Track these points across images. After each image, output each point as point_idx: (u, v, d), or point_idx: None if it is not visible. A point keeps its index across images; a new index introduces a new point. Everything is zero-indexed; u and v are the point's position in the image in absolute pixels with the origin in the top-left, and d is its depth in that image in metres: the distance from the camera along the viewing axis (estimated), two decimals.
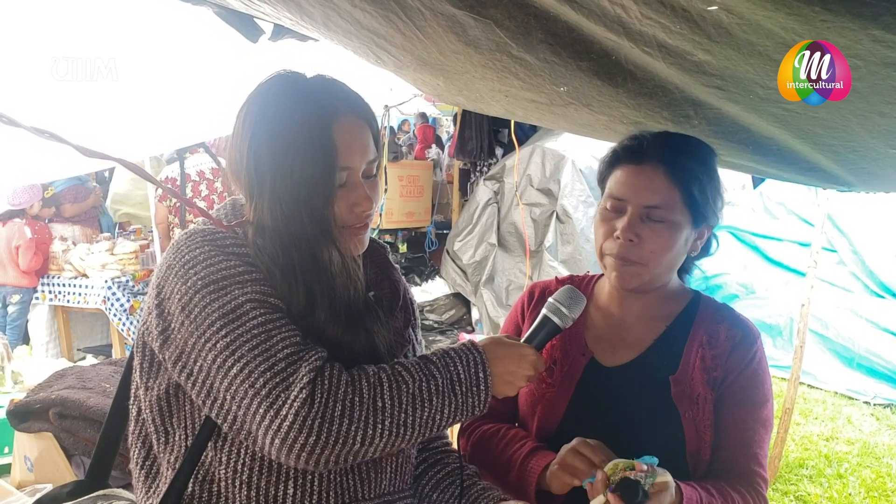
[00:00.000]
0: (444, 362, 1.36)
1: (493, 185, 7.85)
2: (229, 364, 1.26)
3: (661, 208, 1.63)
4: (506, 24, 1.68)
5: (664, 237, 1.63)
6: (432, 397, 1.32)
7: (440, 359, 1.37)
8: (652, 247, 1.63)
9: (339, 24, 2.07)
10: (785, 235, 8.41)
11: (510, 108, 2.60)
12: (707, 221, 1.70)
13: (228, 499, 1.38)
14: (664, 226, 1.63)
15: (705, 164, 1.68)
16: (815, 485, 5.09)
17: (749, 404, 1.68)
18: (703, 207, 1.66)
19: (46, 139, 1.43)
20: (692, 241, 1.71)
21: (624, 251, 1.64)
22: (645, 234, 1.63)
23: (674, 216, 1.63)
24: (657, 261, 1.65)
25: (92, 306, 6.26)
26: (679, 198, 1.63)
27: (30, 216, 6.72)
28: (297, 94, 1.38)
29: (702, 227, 1.70)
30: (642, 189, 1.64)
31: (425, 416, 1.31)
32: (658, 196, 1.63)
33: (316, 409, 1.23)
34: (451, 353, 1.38)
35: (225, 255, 1.34)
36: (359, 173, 1.41)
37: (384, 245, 1.71)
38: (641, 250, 1.63)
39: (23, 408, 2.88)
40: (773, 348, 7.29)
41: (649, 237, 1.63)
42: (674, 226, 1.63)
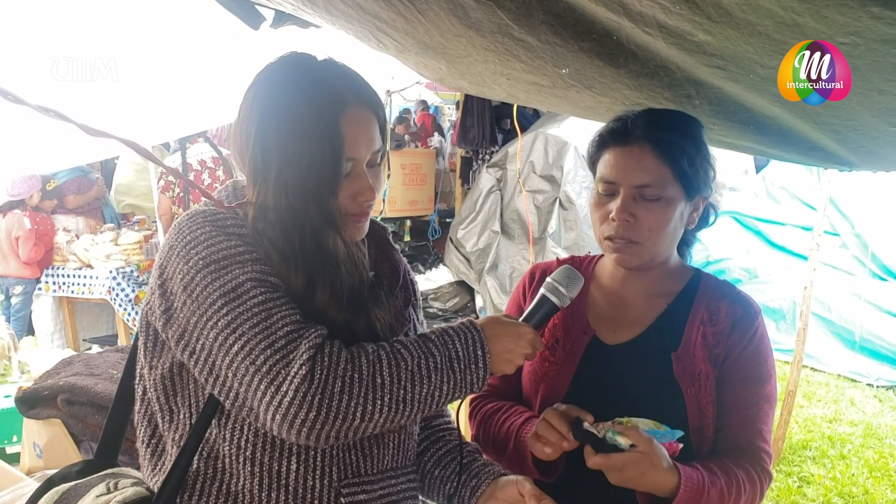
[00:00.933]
0: (442, 340, 1.37)
1: (496, 173, 7.86)
2: (230, 342, 1.27)
3: (652, 186, 1.64)
4: (507, 5, 1.69)
5: (659, 214, 1.64)
6: (431, 374, 1.33)
7: (439, 337, 1.38)
8: (649, 225, 1.64)
9: (341, 9, 2.08)
10: (787, 220, 8.43)
11: (512, 91, 2.60)
12: (700, 192, 1.71)
13: (232, 475, 1.40)
14: (658, 203, 1.64)
15: (691, 138, 1.69)
16: (819, 465, 5.14)
17: (752, 381, 1.69)
18: (694, 180, 1.67)
19: (52, 118, 1.44)
20: (688, 214, 1.72)
21: (622, 232, 1.65)
22: (640, 213, 1.64)
23: (666, 192, 1.64)
24: (655, 238, 1.66)
25: (97, 296, 6.29)
26: (669, 173, 1.64)
27: (30, 207, 6.75)
28: (308, 80, 1.39)
29: (696, 199, 1.71)
30: (632, 170, 1.65)
31: (424, 392, 1.33)
32: (648, 175, 1.64)
33: (316, 385, 1.24)
34: (450, 331, 1.39)
35: (226, 236, 1.35)
36: (363, 164, 1.42)
37: (385, 227, 1.72)
38: (639, 229, 1.65)
39: (31, 395, 2.91)
40: (776, 332, 7.33)
41: (645, 216, 1.64)
42: (668, 202, 1.64)
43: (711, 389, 1.66)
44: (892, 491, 4.82)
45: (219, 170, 6.24)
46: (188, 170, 6.00)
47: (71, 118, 1.41)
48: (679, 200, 1.66)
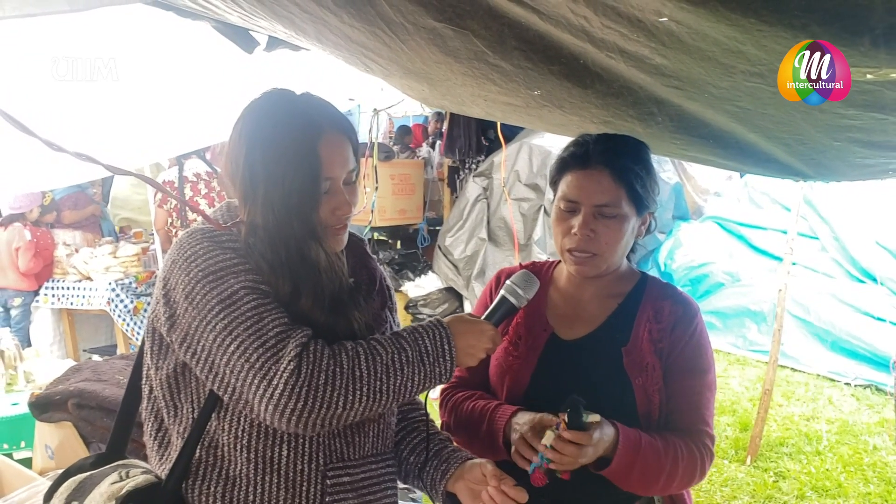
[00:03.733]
0: (413, 337, 1.55)
1: (482, 182, 7.99)
2: (227, 343, 1.44)
3: (609, 206, 1.84)
4: (482, 33, 1.85)
5: (615, 230, 1.85)
6: (403, 367, 1.51)
7: (410, 334, 1.56)
8: (606, 239, 1.85)
9: (330, 39, 2.22)
10: (769, 224, 8.55)
11: (490, 110, 2.75)
12: (648, 209, 1.91)
13: (231, 461, 1.57)
14: (614, 220, 1.85)
15: (642, 161, 1.89)
16: (794, 461, 5.28)
17: (695, 372, 1.90)
18: (644, 199, 1.88)
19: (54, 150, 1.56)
20: (637, 227, 1.92)
21: (583, 245, 1.86)
22: (599, 228, 1.84)
23: (621, 210, 1.84)
24: (611, 250, 1.87)
25: (96, 308, 6.41)
26: (624, 194, 1.84)
27: (29, 221, 6.86)
28: (287, 112, 1.56)
29: (644, 214, 1.92)
30: (592, 191, 1.85)
31: (398, 383, 1.50)
32: (606, 196, 1.84)
33: (303, 379, 1.42)
34: (420, 329, 1.57)
35: (222, 250, 1.52)
36: (340, 182, 1.60)
37: (362, 238, 1.90)
38: (597, 243, 1.85)
39: (43, 399, 3.04)
40: (757, 334, 7.48)
41: (603, 231, 1.84)
42: (622, 218, 1.85)
43: (658, 379, 1.86)
44: (864, 484, 4.96)
45: (213, 181, 6.38)
46: (184, 182, 6.13)
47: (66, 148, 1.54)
48: (631, 216, 1.87)
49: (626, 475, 1.75)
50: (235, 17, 2.33)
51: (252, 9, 2.11)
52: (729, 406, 6.30)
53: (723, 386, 6.72)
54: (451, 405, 2.04)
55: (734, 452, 5.43)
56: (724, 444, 5.56)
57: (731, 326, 7.72)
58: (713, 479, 5.05)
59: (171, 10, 2.39)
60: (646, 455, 1.75)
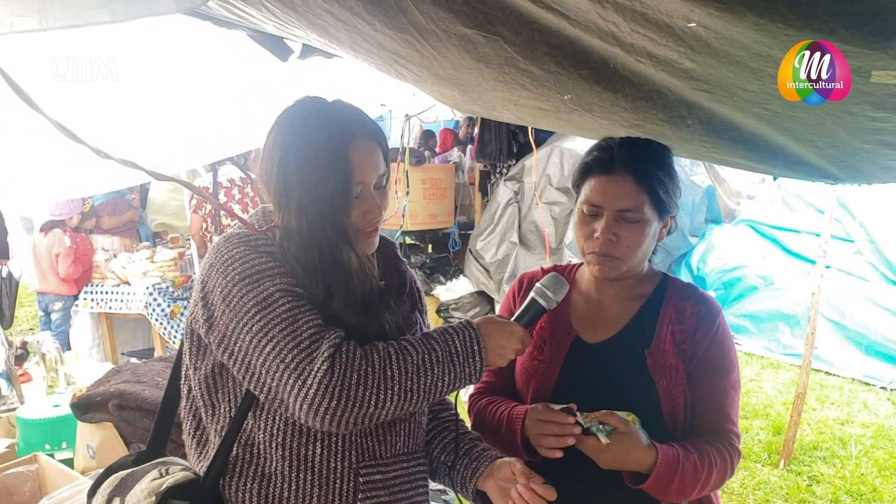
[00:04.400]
0: (443, 338, 1.58)
1: (514, 186, 8.00)
2: (263, 343, 1.48)
3: (632, 210, 1.85)
4: (513, 39, 1.89)
5: (637, 234, 1.87)
6: (434, 367, 1.53)
7: (440, 335, 1.59)
8: (628, 243, 1.87)
9: (363, 46, 2.27)
10: (803, 227, 8.45)
11: (520, 115, 2.78)
12: (670, 212, 1.93)
13: (266, 459, 1.61)
14: (637, 225, 1.86)
15: (665, 166, 1.90)
16: (829, 465, 5.23)
17: (719, 372, 1.90)
18: (667, 203, 1.89)
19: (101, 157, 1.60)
20: (659, 231, 1.93)
21: (605, 248, 1.87)
22: (621, 232, 1.86)
23: (643, 215, 1.86)
24: (633, 254, 1.89)
25: (134, 312, 6.50)
26: (647, 199, 1.86)
27: (70, 227, 7.00)
28: (319, 119, 1.61)
29: (665, 218, 1.93)
30: (615, 196, 1.86)
31: (428, 382, 1.53)
32: (629, 200, 1.85)
33: (336, 378, 1.45)
34: (450, 329, 1.60)
35: (258, 254, 1.57)
36: (371, 186, 1.64)
37: (393, 242, 1.93)
38: (619, 247, 1.87)
39: (85, 400, 3.11)
40: (791, 337, 7.40)
41: (625, 235, 1.86)
42: (644, 223, 1.86)
43: (682, 379, 1.87)
44: None
45: (247, 187, 6.47)
46: (218, 188, 6.22)
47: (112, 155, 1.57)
48: (653, 221, 1.88)
49: (662, 490, 1.76)
50: (271, 26, 2.38)
51: (287, 18, 2.16)
52: (762, 410, 6.25)
53: (756, 390, 6.67)
54: (476, 411, 2.07)
55: (767, 456, 5.39)
56: (756, 448, 5.52)
57: (764, 330, 7.65)
58: (746, 482, 5.02)
59: (207, 20, 2.45)
60: (684, 472, 1.76)
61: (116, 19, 1.90)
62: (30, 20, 1.95)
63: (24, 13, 1.94)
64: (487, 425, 1.99)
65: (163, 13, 1.82)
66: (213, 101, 3.72)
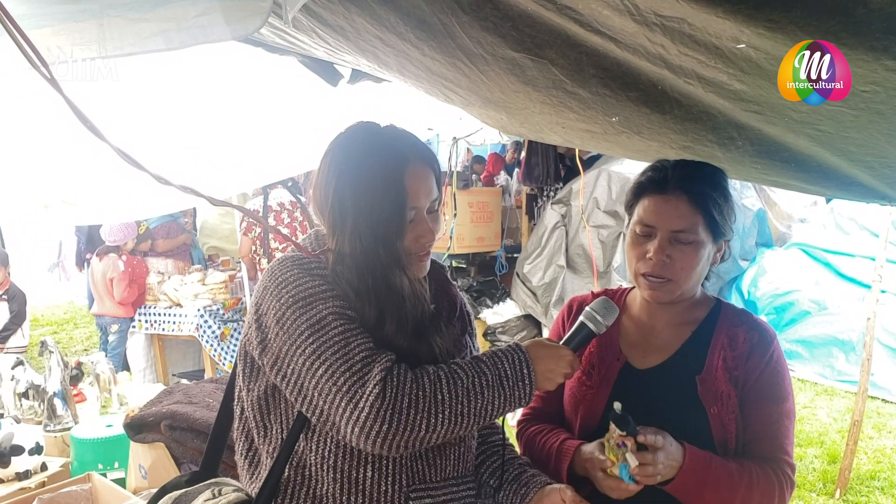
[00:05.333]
0: (493, 361, 1.58)
1: (561, 209, 7.99)
2: (316, 366, 1.49)
3: (686, 232, 1.83)
4: (560, 62, 1.89)
5: (690, 256, 1.83)
6: (484, 390, 1.53)
7: (490, 358, 1.59)
8: (682, 265, 1.84)
9: (412, 71, 2.29)
10: (857, 251, 8.28)
11: (567, 137, 2.77)
12: (725, 236, 1.89)
13: (318, 481, 1.62)
14: (690, 247, 1.83)
15: (720, 188, 1.87)
16: (887, 496, 5.08)
17: (773, 400, 1.85)
18: (721, 226, 1.86)
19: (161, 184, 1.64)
20: (713, 254, 1.90)
21: (658, 270, 1.85)
22: (675, 254, 1.83)
23: (697, 237, 1.83)
24: (686, 277, 1.85)
25: (185, 334, 6.60)
26: (701, 221, 1.83)
27: (126, 251, 7.14)
28: (374, 144, 1.63)
29: (720, 242, 1.89)
30: (669, 216, 1.84)
31: (478, 406, 1.53)
32: (684, 221, 1.83)
33: (388, 402, 1.45)
34: (500, 353, 1.60)
35: (310, 276, 1.58)
36: (424, 211, 1.65)
37: (443, 265, 1.94)
38: (672, 268, 1.84)
39: (138, 421, 3.16)
40: (846, 363, 7.23)
41: (678, 257, 1.83)
42: (698, 245, 1.83)
43: (734, 407, 1.82)
44: None
45: (296, 211, 6.56)
46: (268, 211, 6.31)
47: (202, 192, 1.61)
48: (707, 243, 1.85)
49: (696, 494, 1.73)
50: (321, 52, 2.42)
51: (338, 44, 2.19)
52: (816, 437, 6.11)
53: (810, 417, 6.52)
54: (525, 440, 2.06)
55: (822, 486, 5.26)
56: (811, 477, 5.38)
57: (817, 356, 7.49)
58: None
59: (260, 46, 2.50)
60: (717, 474, 1.73)
61: (172, 47, 1.96)
62: (89, 48, 2.02)
63: (85, 41, 2.01)
64: (536, 456, 1.97)
65: (217, 40, 1.87)
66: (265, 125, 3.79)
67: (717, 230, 1.86)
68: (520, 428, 2.10)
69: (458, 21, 1.79)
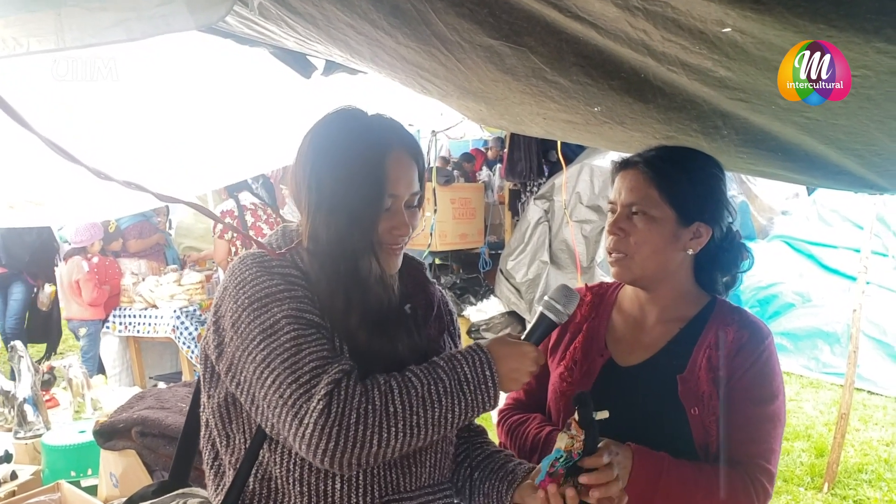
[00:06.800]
0: (451, 366, 1.48)
1: (544, 204, 7.96)
2: (265, 375, 1.41)
3: (638, 203, 1.80)
4: (540, 50, 1.82)
5: (644, 230, 1.79)
6: (441, 398, 1.44)
7: (447, 362, 1.49)
8: (635, 239, 1.80)
9: (385, 60, 2.22)
10: (840, 242, 8.34)
11: (549, 129, 2.71)
12: (699, 218, 1.82)
13: (284, 494, 1.53)
14: (643, 219, 1.79)
15: (687, 166, 1.83)
16: (875, 488, 5.07)
17: (755, 401, 1.76)
18: (689, 206, 1.80)
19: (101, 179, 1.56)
20: (686, 240, 1.83)
21: (613, 245, 1.83)
22: (628, 227, 1.80)
23: (652, 211, 1.79)
24: (642, 252, 1.80)
25: (162, 335, 6.49)
26: (656, 194, 1.79)
27: (94, 252, 7.02)
28: (358, 126, 1.57)
29: (693, 226, 1.82)
30: (624, 190, 1.83)
31: (436, 415, 1.44)
32: (635, 194, 1.80)
33: (333, 418, 1.36)
34: (458, 355, 1.51)
35: (269, 276, 1.50)
36: (402, 202, 1.59)
37: (422, 262, 1.87)
38: (627, 243, 1.80)
39: (108, 427, 3.07)
40: (831, 356, 7.25)
41: (632, 230, 1.80)
42: (653, 220, 1.79)
43: (715, 409, 1.74)
44: None
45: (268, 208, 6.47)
46: (244, 210, 6.21)
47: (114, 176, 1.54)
48: (667, 222, 1.79)
49: (646, 500, 1.66)
50: (292, 42, 2.34)
51: (307, 33, 2.12)
52: (803, 431, 6.09)
53: (796, 410, 6.51)
54: (507, 428, 1.99)
55: (810, 479, 5.24)
56: (798, 471, 5.37)
57: (802, 348, 7.50)
58: None
59: (228, 37, 2.41)
60: (668, 481, 1.65)
61: (133, 37, 1.87)
62: (47, 40, 1.92)
63: (42, 33, 1.92)
64: (519, 445, 1.91)
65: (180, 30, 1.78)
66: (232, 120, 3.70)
67: (684, 210, 1.79)
68: (501, 417, 2.04)
69: (432, 7, 1.72)
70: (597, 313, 1.98)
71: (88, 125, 3.12)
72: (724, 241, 1.89)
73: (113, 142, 3.22)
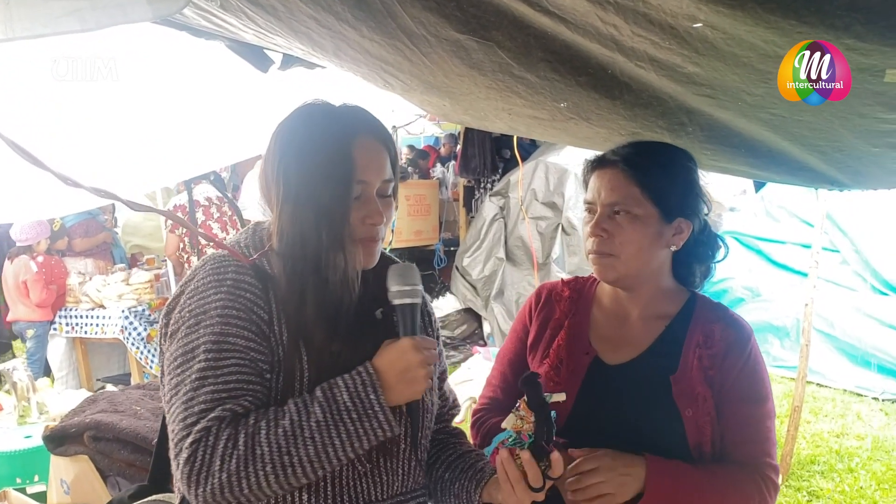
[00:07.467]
0: (328, 395, 1.40)
1: (499, 201, 7.96)
2: (171, 402, 1.41)
3: (621, 203, 1.76)
4: (507, 45, 1.79)
5: (629, 229, 1.76)
6: (314, 434, 1.36)
7: (325, 392, 1.41)
8: (620, 239, 1.76)
9: (349, 54, 2.18)
10: (787, 238, 8.42)
11: (513, 124, 2.70)
12: (679, 214, 1.80)
13: None
14: (627, 218, 1.76)
15: (660, 163, 1.80)
16: (827, 480, 5.15)
17: (753, 401, 1.76)
18: (670, 203, 1.77)
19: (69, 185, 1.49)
20: (669, 236, 1.81)
21: (597, 246, 1.78)
22: (612, 228, 1.76)
23: (635, 209, 1.75)
24: (627, 251, 1.77)
25: (110, 336, 6.37)
26: (638, 193, 1.75)
27: (40, 251, 6.85)
28: (323, 116, 1.52)
29: (675, 222, 1.80)
30: (604, 190, 1.78)
31: (311, 452, 1.36)
32: (616, 193, 1.76)
33: (199, 465, 1.33)
34: (340, 381, 1.42)
35: (217, 286, 1.45)
36: (373, 189, 1.52)
37: (397, 261, 1.80)
38: (612, 244, 1.76)
39: (59, 432, 2.97)
40: (780, 349, 7.35)
41: (616, 231, 1.76)
42: (637, 218, 1.76)
43: (710, 409, 1.73)
44: None
45: (224, 206, 6.39)
46: (196, 206, 6.11)
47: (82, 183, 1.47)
48: (651, 219, 1.76)
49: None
50: (251, 35, 2.28)
51: (269, 26, 2.06)
52: None
53: None
54: (482, 431, 1.94)
55: None
56: None
57: None
58: None
59: (185, 29, 2.35)
60: (685, 484, 1.65)
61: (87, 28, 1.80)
62: None
63: None
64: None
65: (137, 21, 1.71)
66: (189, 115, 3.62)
67: (666, 207, 1.77)
68: (475, 418, 1.99)
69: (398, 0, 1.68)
70: (577, 309, 1.94)
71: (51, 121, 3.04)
72: (701, 235, 1.88)
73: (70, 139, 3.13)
